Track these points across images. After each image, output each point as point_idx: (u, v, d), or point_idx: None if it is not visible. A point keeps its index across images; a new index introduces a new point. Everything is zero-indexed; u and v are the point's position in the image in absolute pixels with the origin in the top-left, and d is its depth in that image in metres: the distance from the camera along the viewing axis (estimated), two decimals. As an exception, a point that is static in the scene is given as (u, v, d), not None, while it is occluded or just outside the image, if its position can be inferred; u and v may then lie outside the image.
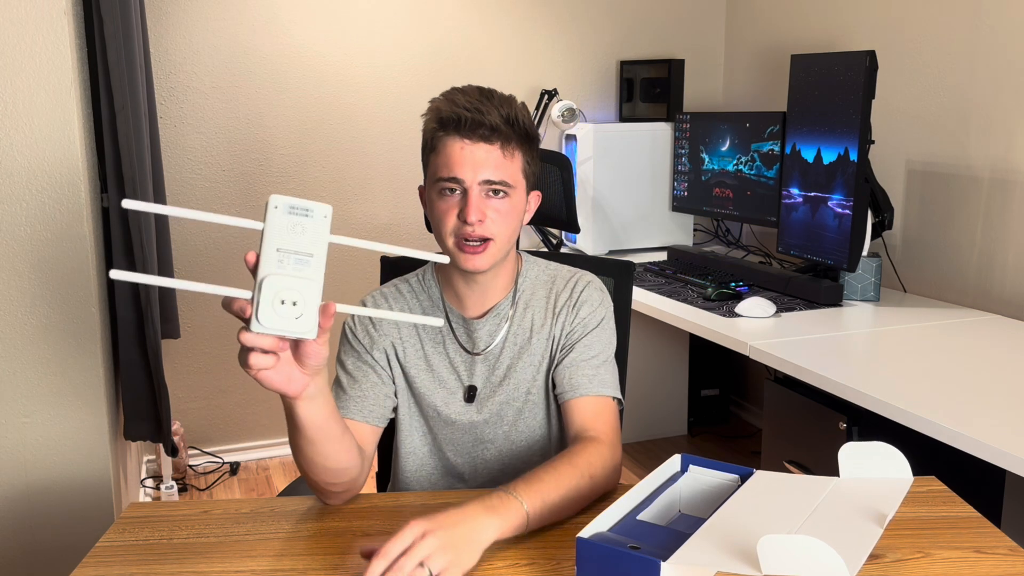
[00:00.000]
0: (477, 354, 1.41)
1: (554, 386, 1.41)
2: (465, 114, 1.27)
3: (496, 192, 1.30)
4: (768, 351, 2.03)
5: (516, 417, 1.42)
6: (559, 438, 1.46)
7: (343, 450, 1.18)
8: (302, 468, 1.20)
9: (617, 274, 1.63)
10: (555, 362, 1.41)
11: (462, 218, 1.28)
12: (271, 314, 0.91)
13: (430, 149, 1.33)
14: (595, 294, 1.43)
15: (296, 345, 0.99)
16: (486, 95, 1.31)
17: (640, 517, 1.08)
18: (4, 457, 1.95)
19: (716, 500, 1.14)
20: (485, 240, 1.30)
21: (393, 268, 1.64)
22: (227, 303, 0.94)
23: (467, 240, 1.29)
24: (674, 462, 1.21)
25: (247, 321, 0.92)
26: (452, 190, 1.30)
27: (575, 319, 1.41)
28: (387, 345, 1.41)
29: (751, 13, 3.47)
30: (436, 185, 1.31)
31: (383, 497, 1.29)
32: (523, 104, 1.35)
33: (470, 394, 1.41)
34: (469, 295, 1.40)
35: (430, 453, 1.45)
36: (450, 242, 1.31)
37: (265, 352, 0.96)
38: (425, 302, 1.43)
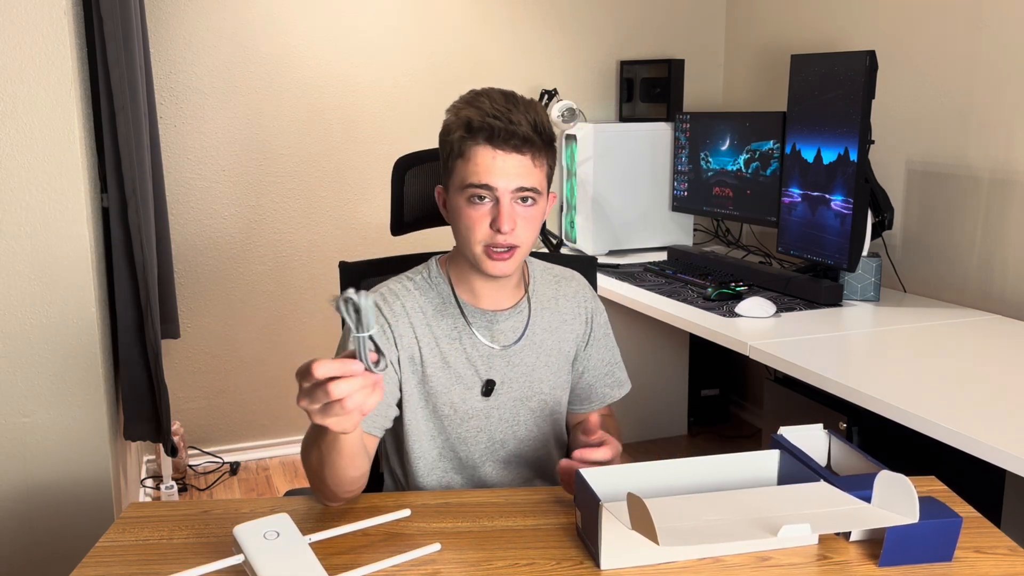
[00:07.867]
0: (497, 348, 1.41)
1: (576, 399, 1.54)
2: (496, 124, 1.27)
3: (524, 199, 1.31)
4: (768, 351, 2.03)
5: (529, 415, 1.45)
6: (564, 437, 1.54)
7: (364, 458, 1.21)
8: (329, 484, 1.19)
9: (582, 271, 1.62)
10: (576, 373, 1.51)
11: (495, 227, 1.29)
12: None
13: (457, 155, 1.31)
14: (596, 301, 1.54)
15: None
16: (511, 100, 1.31)
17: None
18: (4, 457, 1.96)
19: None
20: (512, 247, 1.32)
21: (352, 273, 1.61)
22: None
23: (495, 247, 1.30)
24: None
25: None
26: (482, 197, 1.30)
27: (591, 331, 1.51)
28: (402, 347, 1.38)
29: (751, 13, 3.47)
30: (465, 191, 1.30)
31: (382, 497, 1.29)
32: (543, 106, 1.36)
33: (488, 388, 1.41)
34: (486, 292, 1.41)
35: (439, 456, 1.44)
36: (478, 249, 1.32)
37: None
38: (435, 299, 1.40)
